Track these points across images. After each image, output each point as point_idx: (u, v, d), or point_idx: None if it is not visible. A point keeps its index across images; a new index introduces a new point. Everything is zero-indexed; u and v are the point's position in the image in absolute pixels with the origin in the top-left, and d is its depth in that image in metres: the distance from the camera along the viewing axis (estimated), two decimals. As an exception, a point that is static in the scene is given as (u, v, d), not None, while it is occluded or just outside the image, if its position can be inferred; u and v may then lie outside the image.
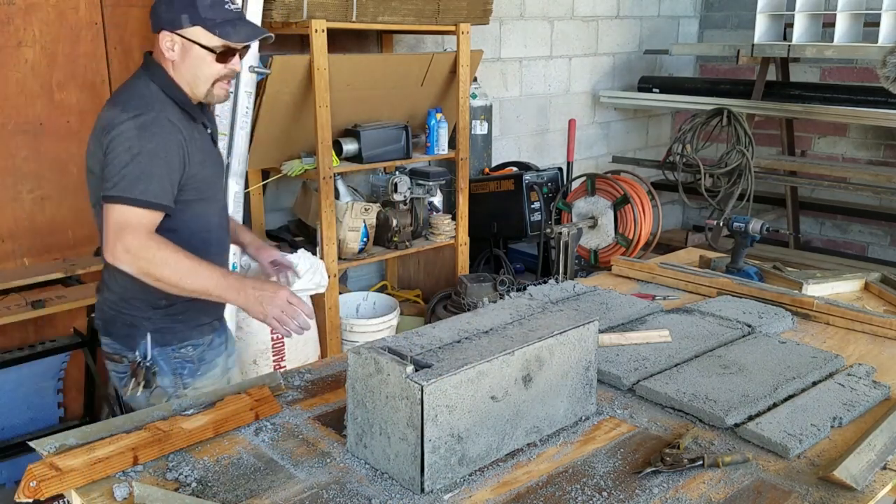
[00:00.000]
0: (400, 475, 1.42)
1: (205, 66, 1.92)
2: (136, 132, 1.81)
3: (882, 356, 2.03)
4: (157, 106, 1.87)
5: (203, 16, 1.88)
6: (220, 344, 2.16)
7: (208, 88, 1.95)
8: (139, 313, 1.98)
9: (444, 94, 4.08)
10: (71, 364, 3.37)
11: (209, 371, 2.09)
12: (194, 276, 1.81)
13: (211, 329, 2.10)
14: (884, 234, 5.72)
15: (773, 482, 1.43)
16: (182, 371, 2.04)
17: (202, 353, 2.07)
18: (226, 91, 2.00)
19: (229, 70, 1.95)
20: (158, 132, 1.83)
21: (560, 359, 1.58)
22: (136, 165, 1.79)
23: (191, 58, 1.92)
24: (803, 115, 5.03)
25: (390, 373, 1.40)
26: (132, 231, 1.77)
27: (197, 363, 2.06)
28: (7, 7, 3.05)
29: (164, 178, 1.83)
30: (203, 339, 2.07)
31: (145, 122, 1.82)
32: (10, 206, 3.18)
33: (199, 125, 1.99)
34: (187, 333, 2.04)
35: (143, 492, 1.33)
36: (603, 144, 5.94)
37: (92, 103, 3.33)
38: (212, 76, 1.94)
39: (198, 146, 1.94)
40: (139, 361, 1.98)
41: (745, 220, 2.74)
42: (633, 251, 4.11)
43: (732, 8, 6.21)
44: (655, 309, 2.29)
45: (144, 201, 1.79)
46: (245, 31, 1.93)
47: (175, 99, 1.93)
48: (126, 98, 1.90)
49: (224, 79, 1.96)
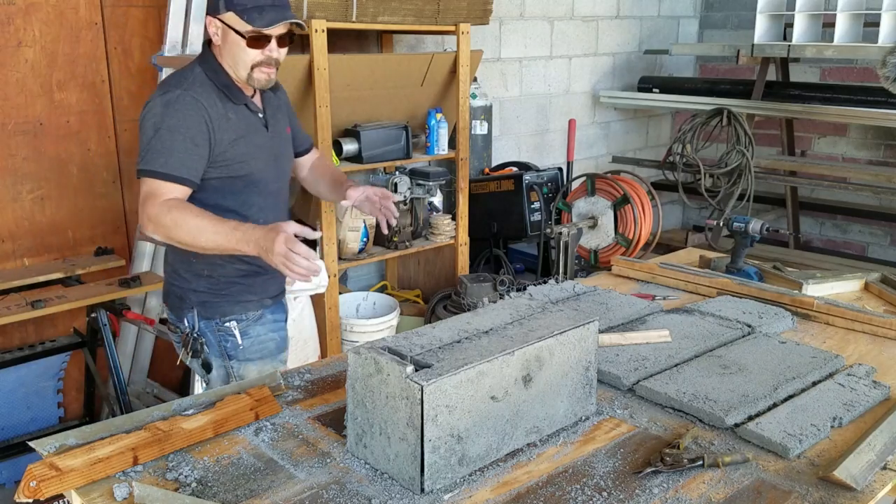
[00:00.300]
0: (400, 475, 1.42)
1: (240, 51, 1.98)
2: (160, 109, 1.92)
3: (882, 356, 2.03)
4: (186, 85, 1.96)
5: (235, 2, 1.94)
6: (274, 321, 2.20)
7: (248, 73, 2.00)
8: (186, 285, 2.12)
9: (444, 94, 4.08)
10: (71, 364, 3.37)
11: (255, 346, 2.15)
12: (205, 233, 1.85)
13: (259, 306, 2.16)
14: (884, 234, 5.72)
15: (773, 482, 1.43)
16: (226, 344, 2.13)
17: (245, 327, 2.14)
18: (267, 76, 2.02)
19: (266, 56, 1.99)
20: (181, 108, 1.92)
21: (560, 359, 1.58)
22: (158, 140, 1.90)
23: (228, 43, 1.99)
24: (803, 115, 5.03)
25: (390, 373, 1.40)
26: (152, 200, 1.87)
27: (240, 338, 2.14)
28: (7, 7, 3.05)
29: (186, 153, 1.91)
30: (247, 314, 2.15)
31: (170, 100, 1.93)
32: (10, 206, 3.18)
33: (240, 107, 2.04)
34: (230, 308, 2.12)
35: (143, 492, 1.33)
36: (603, 144, 5.93)
37: (92, 103, 3.33)
38: (249, 61, 1.99)
39: (231, 126, 2.00)
40: (188, 332, 2.13)
41: (745, 220, 2.74)
42: (633, 251, 4.11)
43: (732, 8, 6.21)
44: (655, 309, 2.28)
45: (163, 173, 1.89)
46: (269, 16, 1.94)
47: (214, 81, 2.00)
48: (167, 81, 2.03)
49: (262, 64, 1.99)
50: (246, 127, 2.05)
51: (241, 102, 2.04)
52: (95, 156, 3.39)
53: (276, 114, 2.18)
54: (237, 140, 2.02)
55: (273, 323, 2.22)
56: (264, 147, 2.10)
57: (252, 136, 2.06)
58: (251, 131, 2.06)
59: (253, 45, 1.97)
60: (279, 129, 2.18)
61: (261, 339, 2.18)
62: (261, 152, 2.09)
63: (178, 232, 1.86)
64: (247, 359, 2.16)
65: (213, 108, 1.96)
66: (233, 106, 2.02)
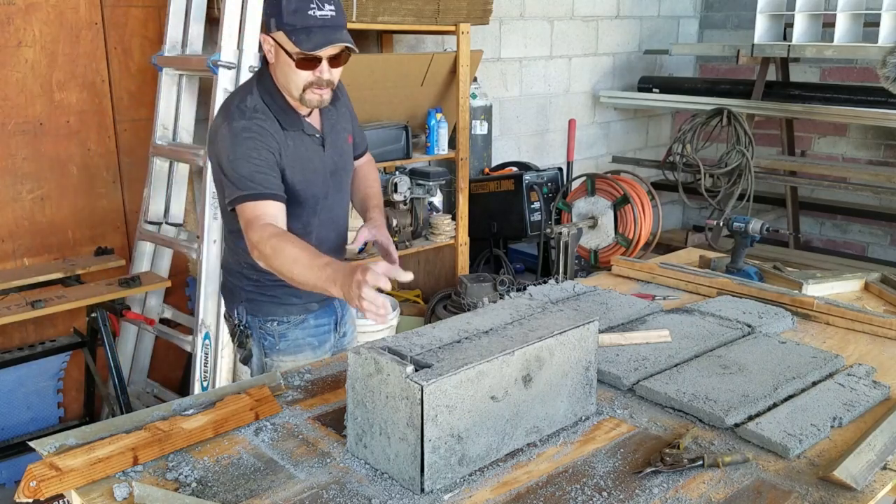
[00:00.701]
0: (400, 475, 1.42)
1: (291, 72, 1.92)
2: (230, 140, 1.91)
3: (882, 356, 2.03)
4: (249, 114, 1.93)
5: (285, 21, 1.87)
6: (317, 326, 2.20)
7: (300, 94, 1.95)
8: (237, 281, 2.17)
9: (444, 94, 4.08)
10: (71, 364, 3.37)
11: (291, 349, 2.17)
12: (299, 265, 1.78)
13: (302, 310, 2.16)
14: (884, 234, 5.72)
15: (773, 482, 1.43)
16: (264, 342, 2.17)
17: (285, 330, 2.16)
18: (319, 97, 1.96)
19: (316, 78, 1.92)
20: (249, 138, 1.91)
21: (560, 359, 1.58)
22: (234, 171, 1.90)
23: (280, 62, 1.94)
24: (803, 115, 5.03)
25: (390, 373, 1.40)
26: (253, 227, 1.86)
27: (277, 339, 2.16)
28: (7, 7, 3.05)
29: (264, 174, 1.90)
30: (289, 318, 2.16)
31: (236, 131, 1.91)
32: (10, 206, 3.18)
33: (294, 133, 2.00)
34: (272, 309, 2.14)
35: (143, 492, 1.33)
36: (603, 144, 5.93)
37: (92, 103, 3.33)
38: (300, 82, 1.93)
39: (290, 153, 1.98)
40: (236, 323, 2.19)
41: (745, 220, 2.74)
42: (633, 251, 4.11)
43: (732, 8, 6.21)
44: (655, 309, 2.28)
45: (255, 194, 1.89)
46: (317, 39, 1.87)
47: (271, 107, 1.97)
48: (228, 105, 1.99)
49: (314, 86, 1.94)
50: (304, 152, 2.02)
51: (297, 129, 2.01)
52: (95, 156, 3.39)
53: (337, 125, 2.15)
54: (295, 167, 2.00)
55: (315, 328, 2.21)
56: (320, 169, 2.08)
57: (308, 161, 2.04)
58: (308, 156, 2.04)
59: (303, 67, 1.91)
60: (339, 143, 2.15)
61: (298, 342, 2.19)
62: (316, 175, 2.07)
63: (275, 261, 1.81)
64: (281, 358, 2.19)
65: (277, 135, 1.95)
66: (291, 133, 2.00)
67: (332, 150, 2.12)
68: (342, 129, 2.18)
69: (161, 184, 3.38)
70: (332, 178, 2.13)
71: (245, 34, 2.99)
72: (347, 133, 2.21)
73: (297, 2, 1.86)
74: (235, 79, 2.98)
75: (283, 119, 1.99)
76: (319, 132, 2.09)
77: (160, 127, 3.33)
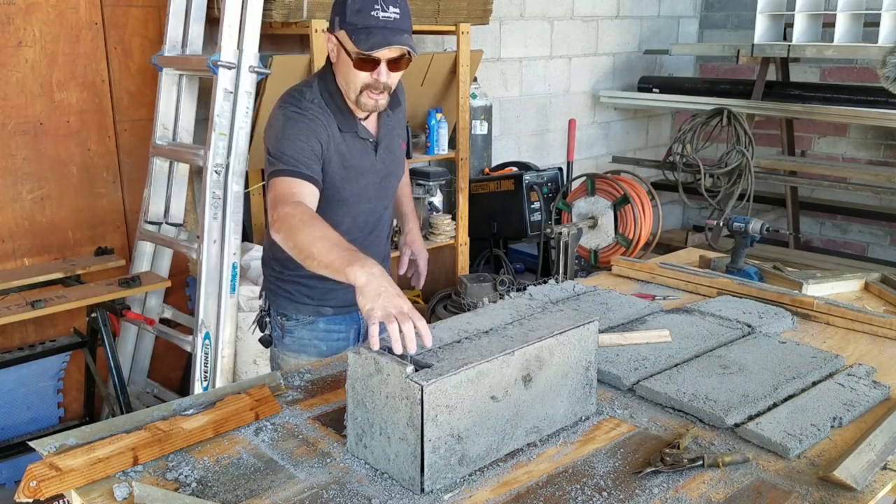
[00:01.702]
0: (400, 475, 1.42)
1: (350, 72, 1.92)
2: (282, 122, 1.94)
3: (882, 356, 2.03)
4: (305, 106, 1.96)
5: (348, 20, 1.86)
6: (327, 331, 2.19)
7: (357, 95, 1.95)
8: (265, 268, 2.24)
9: (444, 94, 4.08)
10: (71, 364, 3.37)
11: (294, 347, 2.19)
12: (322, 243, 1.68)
13: (313, 312, 2.16)
14: (884, 234, 5.72)
15: (773, 482, 1.43)
16: (276, 332, 2.23)
17: (292, 327, 2.18)
18: (374, 101, 1.95)
19: (374, 80, 1.91)
20: (301, 122, 1.93)
21: (560, 359, 1.58)
22: (280, 149, 1.91)
23: (340, 61, 1.95)
24: (803, 115, 5.03)
25: (390, 373, 1.40)
26: (284, 201, 1.83)
27: (283, 333, 2.20)
28: (7, 7, 3.05)
29: (308, 158, 1.91)
30: (299, 316, 2.18)
31: (289, 115, 1.94)
32: (10, 206, 3.18)
33: (348, 134, 2.01)
34: (284, 304, 2.18)
35: (143, 492, 1.33)
36: (603, 144, 5.94)
37: (92, 103, 3.33)
38: (358, 83, 1.92)
39: (340, 150, 1.99)
40: (261, 305, 2.28)
41: (745, 220, 2.74)
42: (633, 251, 4.11)
43: (732, 8, 6.21)
44: (655, 309, 2.28)
45: (289, 170, 1.88)
46: (375, 39, 1.84)
47: (329, 105, 1.98)
48: (287, 95, 2.02)
49: (370, 88, 1.92)
50: (353, 154, 2.03)
51: (351, 130, 2.02)
52: (95, 156, 3.39)
53: (392, 131, 2.15)
54: (342, 167, 2.00)
55: (324, 332, 2.19)
56: (367, 171, 2.07)
57: (356, 162, 2.04)
58: (357, 159, 2.04)
59: (361, 67, 1.89)
60: (392, 148, 2.15)
61: (303, 342, 2.19)
62: (361, 177, 2.06)
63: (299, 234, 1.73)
64: (286, 352, 2.22)
65: (329, 128, 1.96)
66: (346, 135, 2.00)
67: (385, 155, 2.11)
68: (397, 136, 2.17)
69: (161, 184, 3.38)
70: (381, 183, 2.13)
71: (245, 34, 2.99)
72: (402, 139, 2.21)
73: (361, 2, 1.84)
74: (235, 79, 2.98)
75: (339, 118, 1.99)
76: (374, 137, 2.08)
77: (160, 127, 3.33)
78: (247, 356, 3.24)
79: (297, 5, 3.18)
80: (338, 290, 2.09)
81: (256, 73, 3.03)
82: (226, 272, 3.04)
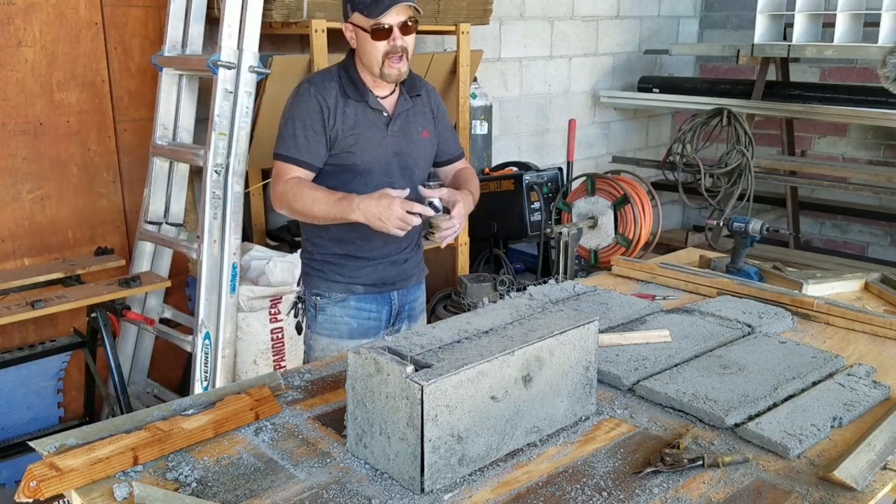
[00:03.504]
0: (400, 475, 1.42)
1: (369, 47, 2.12)
2: (291, 100, 2.20)
3: (882, 356, 2.03)
4: (314, 79, 2.20)
5: (357, 1, 2.09)
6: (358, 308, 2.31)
7: (380, 68, 2.13)
8: (304, 254, 2.38)
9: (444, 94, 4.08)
10: (71, 364, 3.37)
11: (327, 325, 2.32)
12: (318, 202, 2.07)
13: (344, 289, 2.30)
14: (884, 234, 5.72)
15: (773, 482, 1.43)
16: (310, 313, 2.35)
17: (325, 304, 2.32)
18: (397, 70, 2.14)
19: (391, 46, 2.10)
20: (303, 99, 2.16)
21: (560, 359, 1.58)
22: (285, 128, 2.18)
23: (360, 42, 2.14)
24: (803, 115, 5.03)
25: (390, 373, 1.40)
26: (278, 180, 2.15)
27: (317, 312, 2.33)
28: (7, 7, 3.04)
29: (306, 140, 2.14)
30: (330, 294, 2.31)
31: (297, 92, 2.19)
32: (10, 206, 3.18)
33: (360, 104, 2.18)
34: (318, 283, 2.32)
35: (143, 492, 1.33)
36: (603, 144, 5.93)
37: (92, 103, 3.33)
38: (378, 55, 2.11)
39: (347, 118, 2.17)
40: (298, 292, 2.42)
41: (745, 220, 2.74)
42: (633, 251, 4.11)
43: (732, 8, 6.21)
44: (655, 309, 2.28)
45: (286, 156, 2.16)
46: (384, 4, 2.04)
47: (342, 78, 2.19)
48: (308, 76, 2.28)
49: (391, 55, 2.11)
50: (361, 121, 2.18)
51: (362, 100, 2.18)
52: (95, 156, 3.38)
53: (411, 117, 2.28)
54: (350, 132, 2.17)
55: (355, 310, 2.32)
56: (378, 143, 2.21)
57: (365, 130, 2.19)
58: (365, 126, 2.19)
59: (377, 37, 2.09)
60: (409, 131, 2.27)
61: (335, 319, 2.32)
62: (372, 146, 2.20)
63: (297, 204, 2.10)
64: (318, 332, 2.34)
65: (330, 100, 2.15)
66: (353, 102, 2.18)
67: (400, 135, 2.25)
68: (417, 123, 2.30)
69: (161, 184, 3.38)
70: (396, 159, 2.24)
71: (245, 34, 2.99)
72: (423, 129, 2.32)
73: None
74: (235, 79, 2.98)
75: (349, 88, 2.18)
76: (388, 113, 2.23)
77: (160, 127, 3.33)
78: (247, 356, 3.24)
79: (297, 5, 3.18)
80: (368, 267, 2.28)
81: (256, 73, 3.02)
82: (226, 272, 3.04)
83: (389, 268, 2.32)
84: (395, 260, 2.33)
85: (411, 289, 2.42)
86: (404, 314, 2.42)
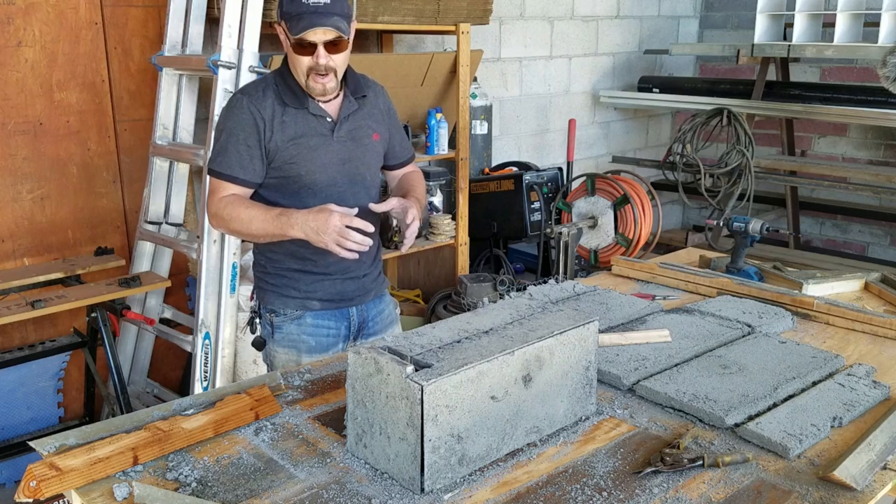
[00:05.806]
0: (400, 475, 1.42)
1: (294, 58, 2.03)
2: (225, 112, 2.10)
3: (882, 356, 2.03)
4: (249, 89, 2.10)
5: (284, 10, 1.99)
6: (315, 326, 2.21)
7: (305, 80, 2.04)
8: (257, 269, 2.27)
9: (444, 93, 4.08)
10: (71, 364, 3.37)
11: (284, 343, 2.22)
12: (255, 221, 2.00)
13: (299, 306, 2.20)
14: (884, 234, 5.72)
15: (773, 482, 1.43)
16: (266, 330, 2.25)
17: (280, 322, 2.21)
18: (321, 85, 2.03)
19: (315, 63, 2.00)
20: (237, 112, 2.06)
21: (560, 359, 1.58)
22: (218, 142, 2.08)
23: (287, 50, 2.05)
24: (803, 115, 5.03)
25: (390, 373, 1.40)
26: (212, 198, 2.06)
27: (273, 330, 2.22)
28: (7, 7, 3.05)
29: (239, 154, 2.05)
30: (286, 311, 2.20)
31: (231, 103, 2.09)
32: (10, 206, 3.18)
33: (300, 111, 2.08)
34: (272, 299, 2.22)
35: (143, 492, 1.33)
36: (603, 144, 5.94)
37: (92, 103, 3.33)
38: (302, 67, 2.02)
39: (286, 128, 2.06)
40: (252, 306, 2.31)
41: (745, 220, 2.74)
42: (633, 251, 4.11)
43: (732, 8, 6.21)
44: (655, 309, 2.28)
45: (219, 172, 2.06)
46: (304, 23, 1.94)
47: (280, 86, 2.08)
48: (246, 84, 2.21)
49: (314, 72, 2.01)
50: (303, 130, 2.07)
51: (302, 107, 2.08)
52: (95, 155, 3.39)
53: (360, 120, 2.17)
54: (290, 142, 2.06)
55: (313, 328, 2.20)
56: (323, 151, 2.10)
57: (308, 139, 2.08)
58: (308, 134, 2.08)
59: (299, 52, 2.00)
60: (357, 136, 2.16)
61: (292, 338, 2.21)
62: (316, 156, 2.09)
63: (233, 224, 2.03)
64: (276, 349, 2.24)
65: (265, 111, 2.05)
66: (291, 110, 2.07)
67: (348, 140, 2.14)
68: (366, 126, 2.19)
69: (161, 184, 3.38)
70: (345, 166, 2.14)
71: (245, 34, 2.99)
72: (373, 132, 2.21)
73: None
74: (235, 79, 2.98)
75: (287, 96, 2.07)
76: (332, 118, 2.12)
77: (160, 127, 3.34)
78: (247, 356, 3.24)
79: (297, 5, 3.17)
80: (325, 281, 2.18)
81: (256, 73, 3.02)
82: (226, 272, 3.04)
83: (347, 283, 2.20)
84: (354, 276, 2.21)
85: (372, 303, 2.30)
86: (368, 329, 2.29)
